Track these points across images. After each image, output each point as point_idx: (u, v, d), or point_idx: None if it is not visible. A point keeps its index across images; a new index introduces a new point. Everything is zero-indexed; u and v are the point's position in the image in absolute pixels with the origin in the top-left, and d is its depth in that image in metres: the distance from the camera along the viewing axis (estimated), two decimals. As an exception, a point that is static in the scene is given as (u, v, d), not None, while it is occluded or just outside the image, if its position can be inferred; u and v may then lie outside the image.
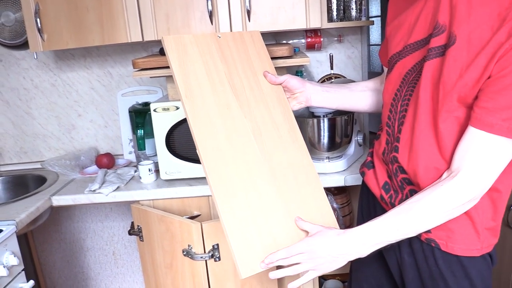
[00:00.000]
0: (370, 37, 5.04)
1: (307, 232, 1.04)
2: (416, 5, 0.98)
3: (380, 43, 4.88)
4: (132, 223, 1.63)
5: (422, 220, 0.93)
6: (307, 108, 1.52)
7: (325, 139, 1.65)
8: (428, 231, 1.00)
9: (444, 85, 0.88)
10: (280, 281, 1.68)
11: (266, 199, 1.05)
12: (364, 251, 0.96)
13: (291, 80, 1.19)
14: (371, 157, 1.18)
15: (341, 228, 1.06)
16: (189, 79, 1.10)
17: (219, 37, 1.18)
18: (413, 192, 1.03)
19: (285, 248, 0.98)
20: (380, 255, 1.15)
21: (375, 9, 4.86)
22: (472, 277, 0.99)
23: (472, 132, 0.86)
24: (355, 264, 1.30)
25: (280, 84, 1.20)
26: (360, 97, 1.27)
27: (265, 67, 1.21)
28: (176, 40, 1.13)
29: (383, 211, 1.12)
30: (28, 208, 1.52)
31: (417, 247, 1.03)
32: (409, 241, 1.04)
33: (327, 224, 1.08)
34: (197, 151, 1.05)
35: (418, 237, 1.02)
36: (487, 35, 0.82)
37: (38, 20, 1.64)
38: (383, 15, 4.68)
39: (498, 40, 0.80)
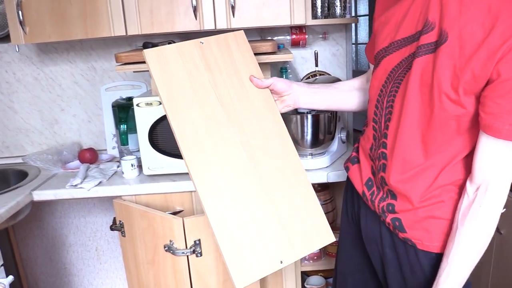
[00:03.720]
0: (358, 36, 5.08)
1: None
2: (404, 2, 0.98)
3: (367, 42, 4.91)
4: (114, 218, 1.62)
5: (474, 248, 0.92)
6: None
7: (308, 135, 1.65)
8: (404, 231, 1.01)
9: (439, 82, 0.88)
10: (263, 280, 1.69)
11: (257, 207, 1.06)
12: None
13: (277, 83, 1.17)
14: (356, 153, 1.19)
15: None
16: (173, 93, 1.08)
17: (202, 43, 1.15)
18: (390, 192, 1.04)
19: None
20: (365, 250, 1.17)
21: (363, 8, 4.90)
22: None
23: (483, 139, 0.87)
24: (340, 259, 1.32)
25: (267, 87, 1.18)
26: (348, 96, 1.27)
27: (250, 69, 1.19)
28: (158, 53, 1.11)
29: (366, 208, 1.14)
30: (8, 203, 1.50)
31: (398, 241, 1.04)
32: (391, 235, 1.06)
33: (318, 227, 1.10)
34: (185, 166, 1.05)
35: (397, 234, 1.03)
36: (479, 33, 0.82)
37: (20, 12, 1.62)
38: (371, 14, 4.72)
39: (494, 41, 0.80)
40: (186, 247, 1.42)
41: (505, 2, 0.80)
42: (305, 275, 2.04)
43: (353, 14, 1.93)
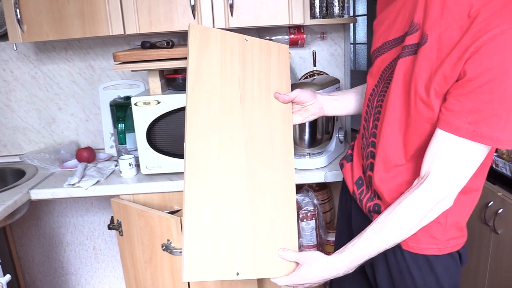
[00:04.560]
0: (356, 36, 5.08)
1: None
2: (397, 2, 0.99)
3: (365, 42, 4.91)
4: (112, 217, 1.62)
5: (397, 232, 0.93)
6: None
7: (306, 135, 1.66)
8: None
9: (416, 84, 0.88)
10: (261, 281, 1.69)
11: (235, 214, 1.03)
12: (350, 270, 1.00)
13: (302, 94, 1.17)
14: (351, 151, 1.19)
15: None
16: (200, 73, 1.08)
17: (246, 41, 1.16)
18: (376, 193, 1.04)
19: (281, 280, 1.03)
20: None
21: (361, 7, 4.90)
22: (438, 273, 1.00)
23: (440, 135, 0.87)
24: None
25: (291, 101, 1.17)
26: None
27: (281, 82, 1.18)
28: (202, 31, 1.11)
29: (356, 206, 1.14)
30: (5, 202, 1.50)
31: None
32: None
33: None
34: (184, 145, 1.04)
35: None
36: (457, 36, 0.82)
37: (18, 11, 1.62)
38: (369, 14, 4.72)
39: (465, 42, 0.80)
40: (184, 247, 1.42)
41: (484, 6, 0.80)
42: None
43: (351, 14, 1.93)
